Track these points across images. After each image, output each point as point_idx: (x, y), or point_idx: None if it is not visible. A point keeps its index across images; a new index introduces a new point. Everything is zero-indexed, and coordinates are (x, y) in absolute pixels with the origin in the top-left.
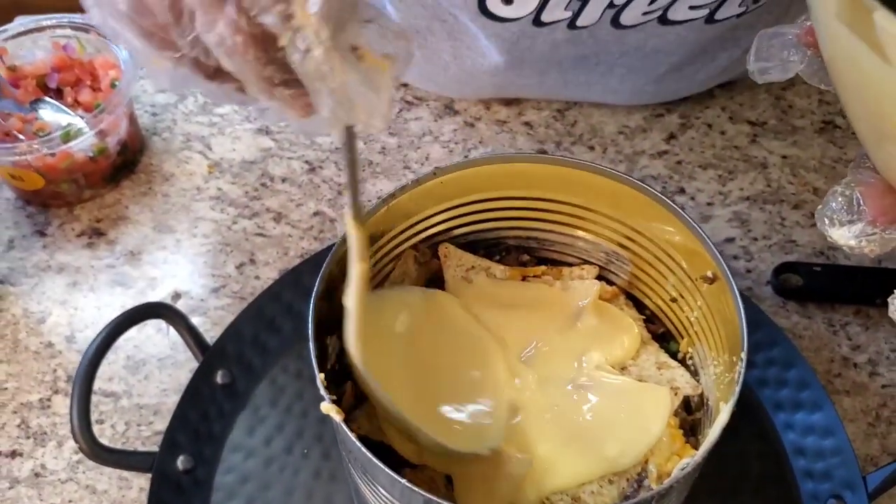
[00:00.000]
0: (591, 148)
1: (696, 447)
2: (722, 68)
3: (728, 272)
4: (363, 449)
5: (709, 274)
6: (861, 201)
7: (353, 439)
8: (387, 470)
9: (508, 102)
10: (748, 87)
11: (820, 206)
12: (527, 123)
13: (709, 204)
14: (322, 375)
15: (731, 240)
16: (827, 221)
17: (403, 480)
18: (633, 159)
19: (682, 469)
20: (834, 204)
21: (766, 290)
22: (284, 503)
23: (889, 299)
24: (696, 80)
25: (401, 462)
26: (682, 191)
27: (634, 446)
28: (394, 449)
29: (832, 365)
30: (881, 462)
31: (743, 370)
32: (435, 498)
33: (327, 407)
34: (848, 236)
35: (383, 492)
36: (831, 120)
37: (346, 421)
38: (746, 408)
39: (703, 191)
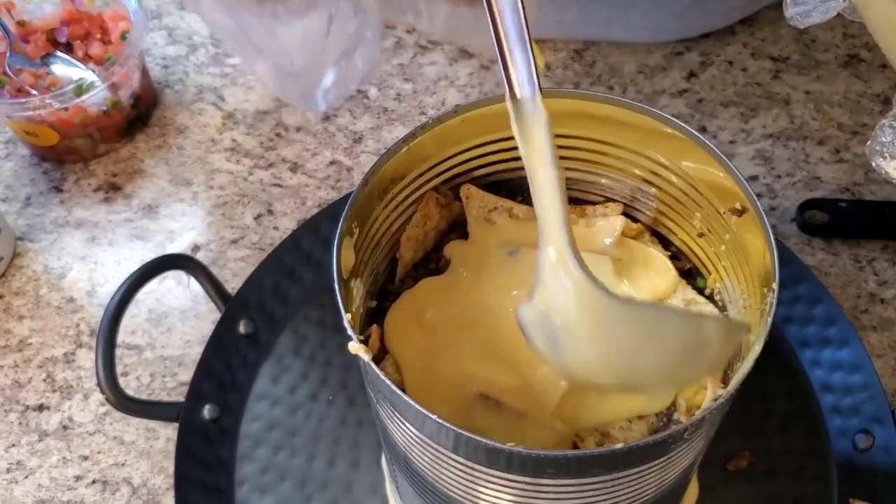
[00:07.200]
0: (611, 88)
1: (723, 381)
2: (746, 1)
3: (757, 202)
4: (392, 385)
5: (738, 206)
6: None
7: (382, 376)
8: (416, 406)
9: None
10: (769, 22)
11: (869, 142)
12: (544, 65)
13: (731, 142)
14: (349, 316)
15: (754, 178)
16: (878, 156)
17: (433, 416)
18: (654, 98)
19: (716, 400)
20: (883, 137)
21: (790, 227)
22: (311, 449)
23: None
24: (718, 15)
25: None
26: (703, 129)
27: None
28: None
29: (859, 301)
30: None
31: (775, 301)
32: (465, 432)
33: (355, 347)
34: None
35: (412, 430)
36: (856, 53)
37: (373, 361)
38: (772, 346)
39: (725, 129)
